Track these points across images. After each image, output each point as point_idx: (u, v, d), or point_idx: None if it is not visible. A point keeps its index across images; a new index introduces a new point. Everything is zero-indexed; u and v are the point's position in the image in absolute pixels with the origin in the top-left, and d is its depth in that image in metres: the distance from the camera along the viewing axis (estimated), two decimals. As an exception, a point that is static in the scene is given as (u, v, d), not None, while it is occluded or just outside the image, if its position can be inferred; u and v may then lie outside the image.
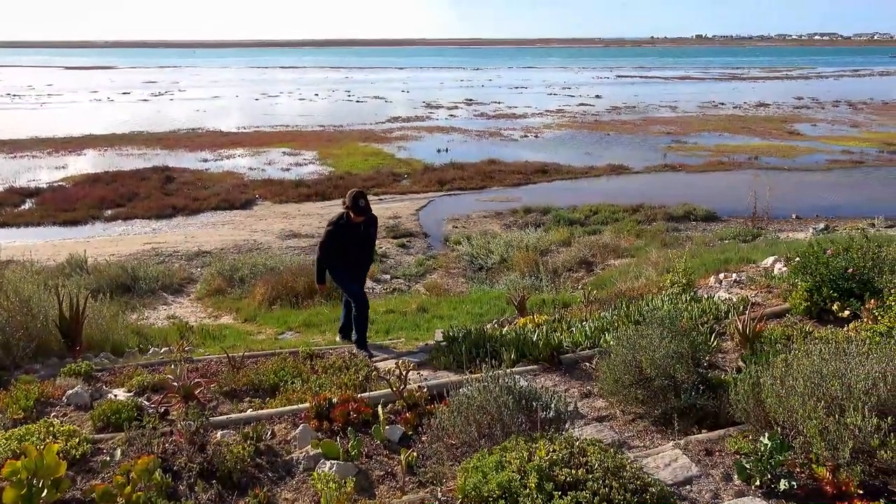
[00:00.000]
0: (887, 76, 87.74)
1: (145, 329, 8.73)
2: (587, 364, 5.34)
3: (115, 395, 5.04)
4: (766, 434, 3.36)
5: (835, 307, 5.77)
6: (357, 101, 56.60)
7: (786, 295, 6.45)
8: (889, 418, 3.04)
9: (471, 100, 55.87)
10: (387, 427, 4.24)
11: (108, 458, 3.89)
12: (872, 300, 5.49)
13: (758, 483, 3.25)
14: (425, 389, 4.72)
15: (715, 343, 5.10)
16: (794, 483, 3.15)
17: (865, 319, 5.34)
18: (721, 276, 8.43)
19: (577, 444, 3.27)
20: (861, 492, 3.06)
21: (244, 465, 3.84)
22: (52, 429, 4.11)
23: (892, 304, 5.20)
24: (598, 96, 58.22)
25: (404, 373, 4.69)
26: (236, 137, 35.66)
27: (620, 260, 13.50)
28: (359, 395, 4.69)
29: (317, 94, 63.64)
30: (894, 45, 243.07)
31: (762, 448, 3.28)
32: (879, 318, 5.15)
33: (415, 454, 3.86)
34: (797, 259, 6.64)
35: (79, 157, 30.20)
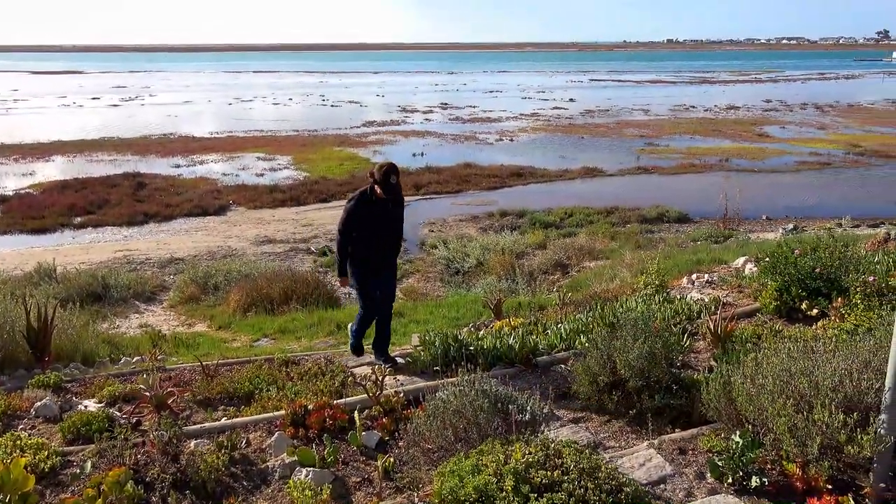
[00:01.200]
0: (852, 79, 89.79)
1: (117, 338, 8.58)
2: (563, 366, 5.37)
3: (86, 407, 4.95)
4: (738, 432, 3.41)
5: (803, 306, 5.88)
6: (332, 106, 56.35)
7: (756, 294, 6.57)
8: (855, 414, 3.11)
9: (446, 104, 55.96)
10: (363, 433, 4.23)
11: (78, 471, 3.82)
12: (839, 298, 5.61)
13: (730, 480, 3.30)
14: (402, 394, 4.71)
15: (687, 343, 5.17)
16: (766, 480, 3.20)
17: (833, 317, 5.45)
18: (693, 276, 8.54)
19: (553, 446, 3.29)
20: (830, 487, 3.12)
21: (218, 474, 3.80)
22: (19, 442, 4.02)
23: (858, 302, 5.32)
24: (571, 100, 58.69)
25: (380, 378, 4.68)
26: (209, 143, 35.26)
27: (595, 262, 13.61)
28: (335, 402, 4.67)
29: (291, 99, 63.21)
30: (858, 49, 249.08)
31: (734, 446, 3.34)
32: (846, 316, 5.26)
33: (392, 459, 3.85)
34: (767, 259, 6.75)
35: (47, 163, 29.61)
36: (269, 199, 22.24)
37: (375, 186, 5.59)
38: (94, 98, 64.65)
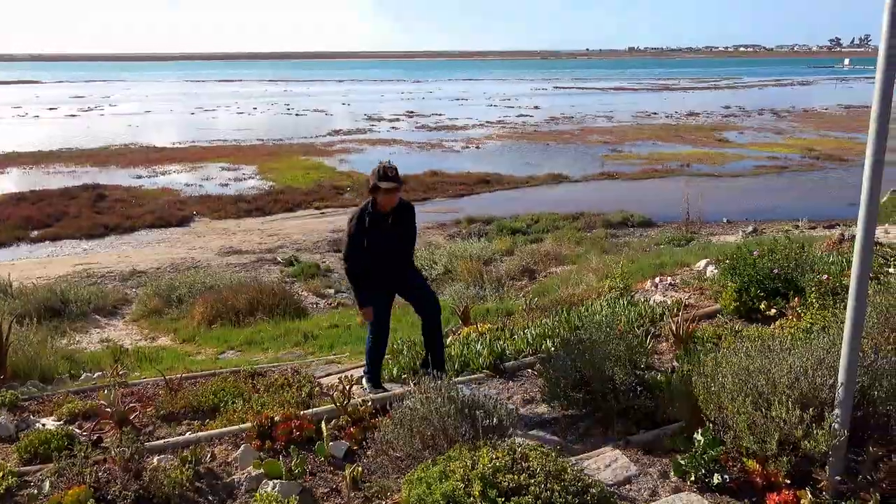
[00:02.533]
0: (807, 85, 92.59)
1: (77, 354, 8.37)
2: (529, 370, 5.41)
3: (44, 425, 4.82)
4: (700, 431, 3.48)
5: (762, 306, 6.03)
6: (297, 115, 55.99)
7: (717, 296, 6.71)
8: (811, 410, 3.20)
9: (412, 112, 56.06)
10: (331, 443, 4.20)
11: (35, 491, 3.71)
12: (796, 298, 5.77)
13: (693, 479, 3.36)
14: (369, 403, 4.69)
15: (651, 345, 5.25)
16: (727, 477, 3.27)
17: (790, 317, 5.60)
18: (657, 279, 8.68)
19: (520, 450, 3.31)
20: (789, 481, 3.20)
21: (183, 489, 3.73)
22: (-27, 463, 3.89)
23: (814, 301, 5.47)
24: (536, 107, 59.34)
25: (348, 388, 4.65)
26: (171, 153, 34.72)
27: (562, 267, 13.75)
28: (302, 413, 4.62)
29: (255, 108, 62.63)
30: (812, 56, 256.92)
31: (696, 445, 3.40)
32: (802, 315, 5.41)
33: (360, 469, 3.83)
34: (727, 261, 6.92)
35: (1, 175, 28.80)
36: (233, 209, 21.99)
37: (376, 196, 4.85)
38: (51, 108, 63.16)
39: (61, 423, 4.87)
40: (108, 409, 4.75)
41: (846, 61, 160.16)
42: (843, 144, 34.00)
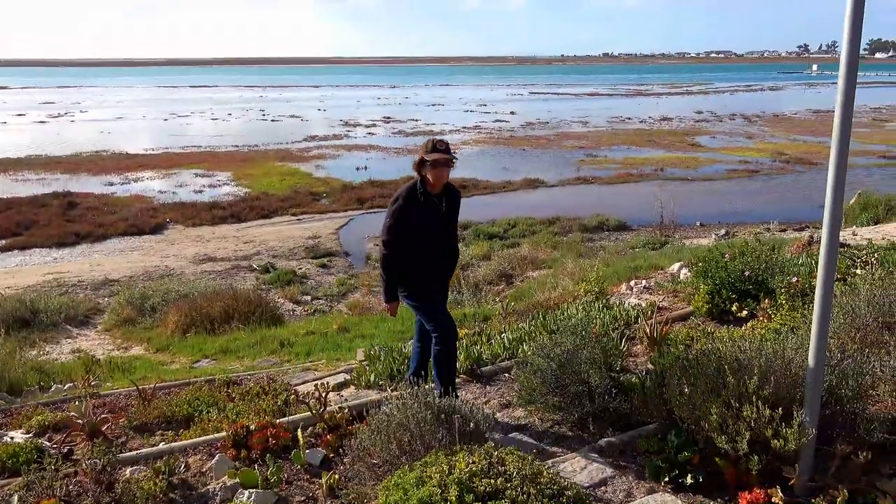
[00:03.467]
0: (777, 90, 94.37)
1: (47, 365, 8.21)
2: (506, 375, 5.44)
3: (12, 438, 4.72)
4: (673, 432, 3.53)
5: (734, 308, 6.13)
6: (272, 121, 55.61)
7: (690, 298, 6.80)
8: (780, 409, 3.26)
9: (389, 118, 56.02)
10: (307, 451, 4.17)
11: (3, 506, 3.64)
12: (767, 300, 5.87)
13: (667, 479, 3.40)
14: (346, 410, 4.67)
15: (625, 347, 5.31)
16: (700, 476, 3.32)
17: (761, 318, 5.70)
18: (632, 283, 8.78)
19: (496, 454, 3.32)
20: (760, 480, 3.26)
21: (156, 501, 3.68)
22: (-62, 479, 3.80)
23: (784, 302, 5.58)
24: (512, 112, 59.65)
25: (324, 395, 4.63)
26: (144, 159, 34.28)
27: (539, 271, 13.84)
28: (278, 421, 4.59)
29: (230, 114, 62.06)
30: (781, 62, 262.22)
31: (669, 445, 3.45)
32: (773, 316, 5.51)
33: (336, 476, 3.81)
34: (699, 264, 7.02)
35: (-33, 184, 28.19)
36: (208, 216, 21.76)
37: (424, 173, 4.27)
38: (19, 115, 61.92)
39: (30, 435, 4.77)
40: (80, 421, 4.67)
41: (814, 67, 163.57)
42: (812, 148, 34.70)
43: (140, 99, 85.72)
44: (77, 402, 4.95)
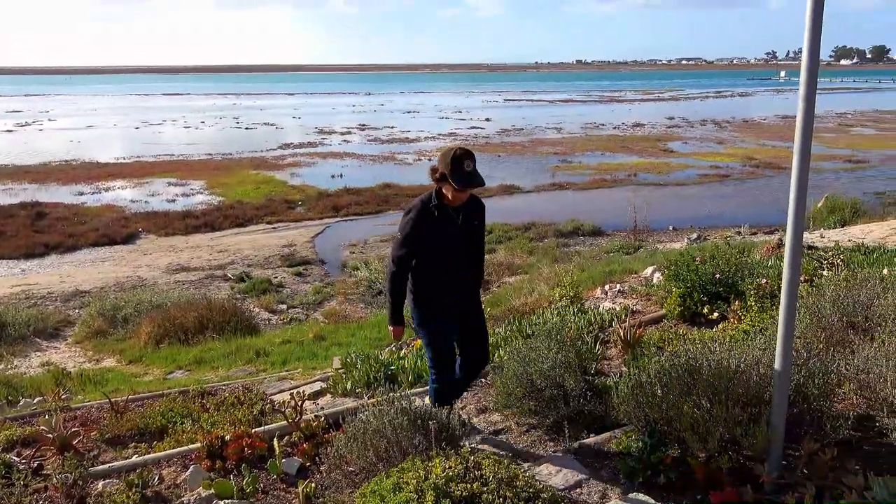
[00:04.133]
0: (746, 97, 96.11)
1: (15, 379, 8.06)
2: (483, 380, 5.46)
3: (-21, 454, 4.61)
4: (647, 432, 3.58)
5: (705, 310, 6.23)
6: (246, 128, 55.15)
7: (662, 301, 6.90)
8: (749, 408, 3.33)
9: (364, 125, 55.92)
10: (283, 460, 4.15)
11: (-30, 523, 3.56)
12: (737, 302, 5.99)
13: (641, 480, 3.45)
14: (322, 418, 4.65)
15: (600, 351, 5.38)
16: (672, 476, 3.37)
17: (731, 320, 5.81)
18: (607, 287, 8.88)
19: (473, 458, 3.34)
20: (730, 478, 3.32)
21: (129, 514, 3.63)
22: None
23: (753, 304, 5.69)
24: (488, 119, 59.93)
25: (300, 403, 4.61)
26: (115, 168, 33.76)
27: (515, 277, 13.91)
28: (254, 430, 4.56)
29: (203, 122, 61.40)
30: (750, 69, 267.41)
31: (643, 446, 3.50)
32: (743, 317, 5.62)
33: (313, 485, 3.79)
34: (672, 268, 7.13)
35: (-70, 194, 27.50)
36: (181, 225, 21.49)
37: (444, 188, 3.92)
38: (-16, 124, 60.62)
39: (-2, 451, 4.67)
40: (50, 435, 4.59)
41: (782, 73, 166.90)
42: (781, 153, 35.40)
43: (111, 107, 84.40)
44: (47, 416, 4.86)
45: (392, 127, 53.77)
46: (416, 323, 4.12)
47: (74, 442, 4.66)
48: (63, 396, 6.02)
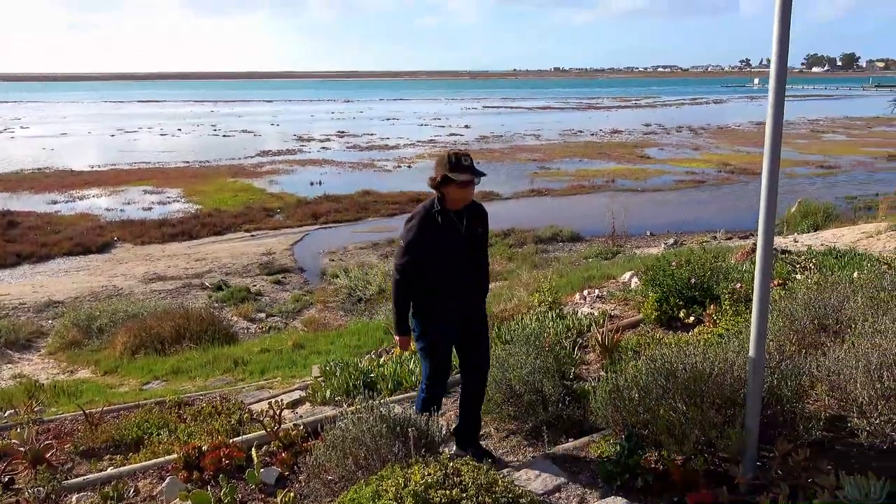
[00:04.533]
0: (721, 104, 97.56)
1: (-14, 392, 7.88)
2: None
3: (-51, 468, 4.51)
4: (624, 436, 3.61)
5: (681, 314, 6.31)
6: (224, 136, 54.71)
7: (640, 306, 6.97)
8: (724, 410, 3.38)
9: (343, 132, 55.80)
10: (262, 470, 4.12)
11: (-61, 540, 3.48)
12: (712, 306, 6.07)
13: (619, 483, 3.48)
14: (301, 427, 4.62)
15: (578, 356, 5.41)
16: (649, 479, 3.41)
17: (707, 323, 5.88)
18: (585, 292, 8.94)
19: (452, 465, 3.34)
20: (706, 480, 3.36)
21: (104, 527, 3.58)
22: None
23: (728, 308, 5.77)
24: (467, 126, 60.11)
25: (278, 412, 4.58)
26: (90, 176, 33.28)
27: (494, 283, 13.93)
28: (231, 440, 4.52)
29: (180, 129, 60.83)
30: (725, 76, 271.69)
31: (620, 449, 3.53)
32: (718, 321, 5.70)
33: (292, 494, 3.77)
34: (648, 273, 7.21)
35: None
36: (157, 233, 21.24)
37: (445, 191, 3.86)
38: (-46, 131, 59.45)
39: (-32, 465, 4.57)
40: (21, 448, 4.51)
41: (756, 81, 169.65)
42: (756, 159, 35.96)
43: (85, 114, 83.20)
44: (18, 429, 4.77)
45: (371, 134, 53.71)
46: (417, 333, 4.04)
47: (47, 455, 4.57)
48: (35, 409, 5.92)
